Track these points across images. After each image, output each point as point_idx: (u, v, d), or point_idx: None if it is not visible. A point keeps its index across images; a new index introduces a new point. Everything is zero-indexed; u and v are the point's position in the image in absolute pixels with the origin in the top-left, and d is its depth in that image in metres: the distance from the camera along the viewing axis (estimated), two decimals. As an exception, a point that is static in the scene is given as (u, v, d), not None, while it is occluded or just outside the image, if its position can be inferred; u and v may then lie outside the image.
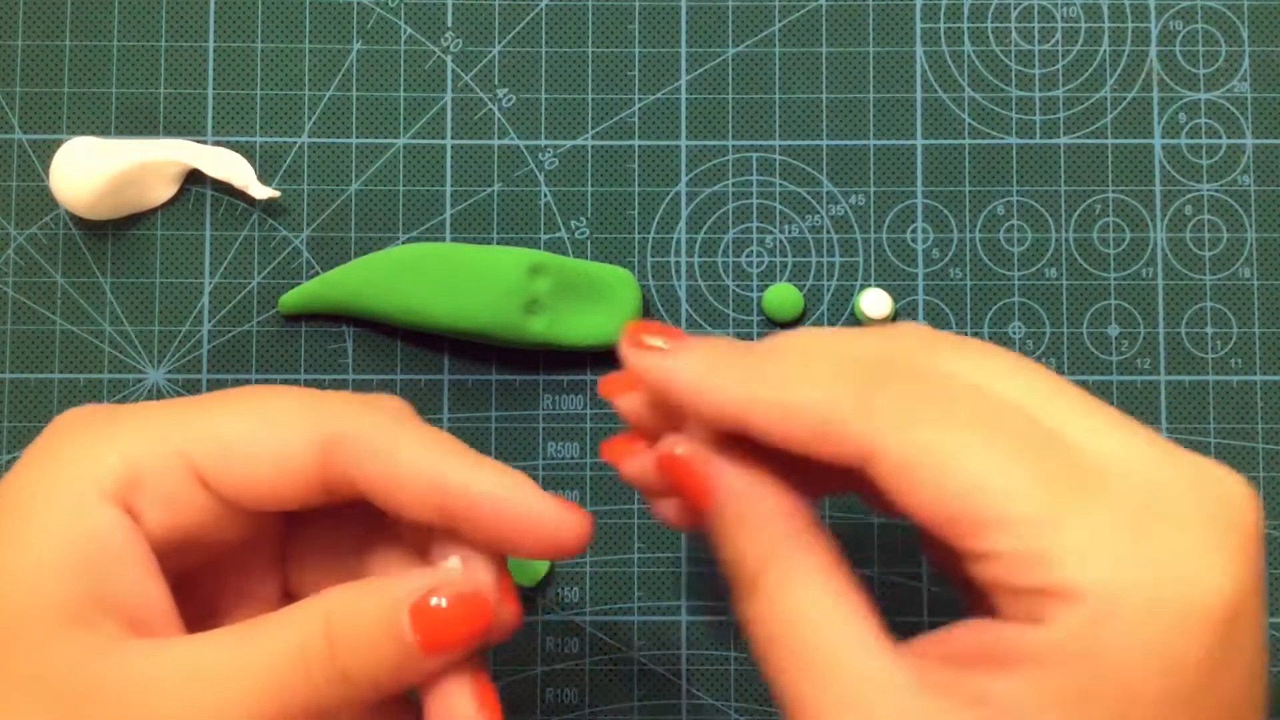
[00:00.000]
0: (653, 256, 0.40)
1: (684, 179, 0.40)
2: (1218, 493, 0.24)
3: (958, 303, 0.40)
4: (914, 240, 0.40)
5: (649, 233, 0.40)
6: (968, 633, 0.25)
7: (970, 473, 0.24)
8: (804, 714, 0.25)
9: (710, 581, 0.39)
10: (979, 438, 0.24)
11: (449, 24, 0.41)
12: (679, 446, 0.28)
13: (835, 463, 0.26)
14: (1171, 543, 0.24)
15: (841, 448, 0.25)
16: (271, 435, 0.27)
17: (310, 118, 0.40)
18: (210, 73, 0.40)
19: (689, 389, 0.27)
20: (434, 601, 0.26)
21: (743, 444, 0.28)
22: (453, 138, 0.40)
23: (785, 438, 0.26)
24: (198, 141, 0.40)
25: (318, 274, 0.40)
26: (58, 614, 0.25)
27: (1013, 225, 0.40)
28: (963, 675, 0.24)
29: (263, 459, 0.27)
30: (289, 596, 0.31)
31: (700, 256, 0.40)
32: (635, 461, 0.30)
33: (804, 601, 0.26)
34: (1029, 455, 0.24)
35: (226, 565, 0.30)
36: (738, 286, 0.40)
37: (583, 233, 0.40)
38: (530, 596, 0.39)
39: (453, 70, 0.41)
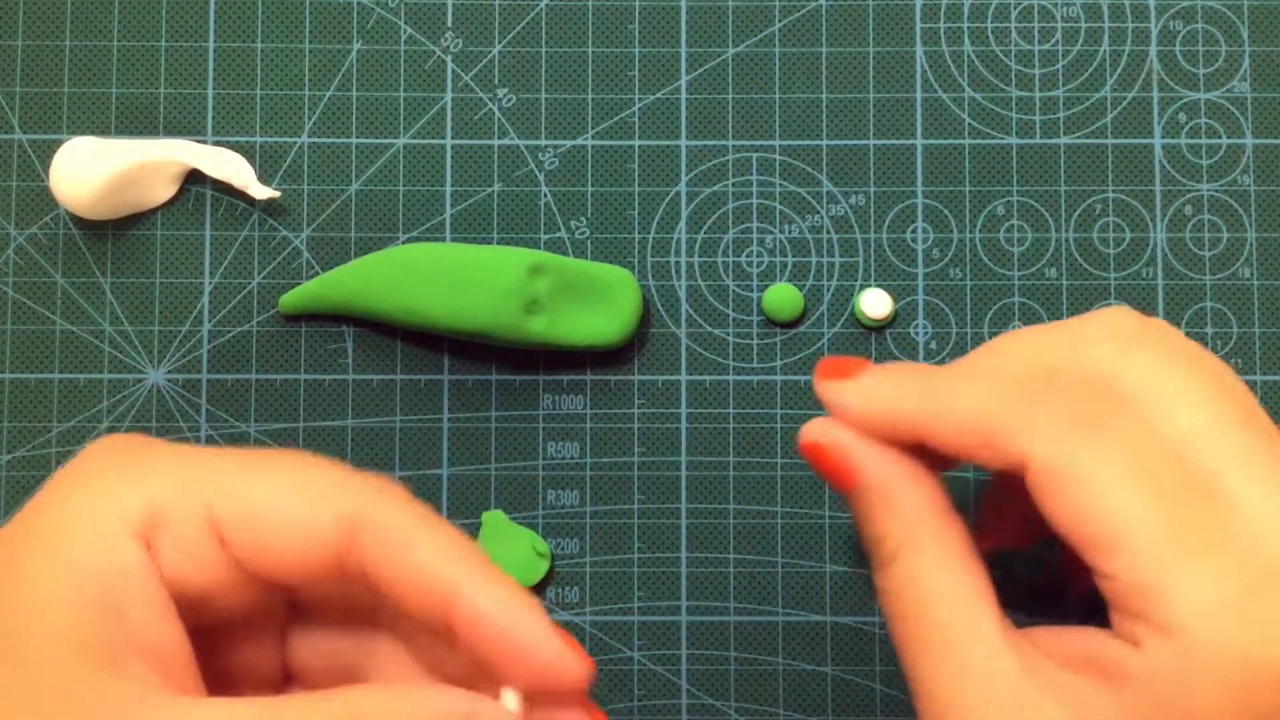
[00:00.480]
0: (653, 256, 0.40)
1: (684, 179, 0.40)
2: None
3: (958, 303, 0.40)
4: (914, 240, 0.40)
5: (649, 233, 0.40)
6: (1080, 637, 0.27)
7: (1106, 497, 0.26)
8: (922, 684, 0.28)
9: (710, 581, 0.39)
10: (1122, 467, 0.26)
11: (449, 24, 0.41)
12: (822, 434, 0.31)
13: (997, 469, 0.28)
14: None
15: (1005, 457, 0.28)
16: (300, 505, 0.27)
17: (310, 118, 0.40)
18: (210, 73, 0.41)
19: (857, 406, 0.30)
20: None
21: None
22: (453, 138, 0.40)
23: (959, 448, 0.29)
24: (198, 141, 0.40)
25: (318, 274, 0.40)
26: (83, 651, 0.25)
27: (1013, 225, 0.40)
28: (1066, 675, 0.27)
29: (287, 528, 0.26)
30: (287, 674, 0.30)
31: (700, 256, 0.40)
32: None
33: (935, 582, 0.28)
34: (1166, 493, 0.26)
35: (226, 632, 0.29)
36: (738, 286, 0.40)
37: (583, 233, 0.40)
38: (530, 596, 0.39)
39: (453, 70, 0.41)
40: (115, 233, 0.40)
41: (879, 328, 0.40)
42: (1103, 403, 0.27)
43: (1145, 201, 0.40)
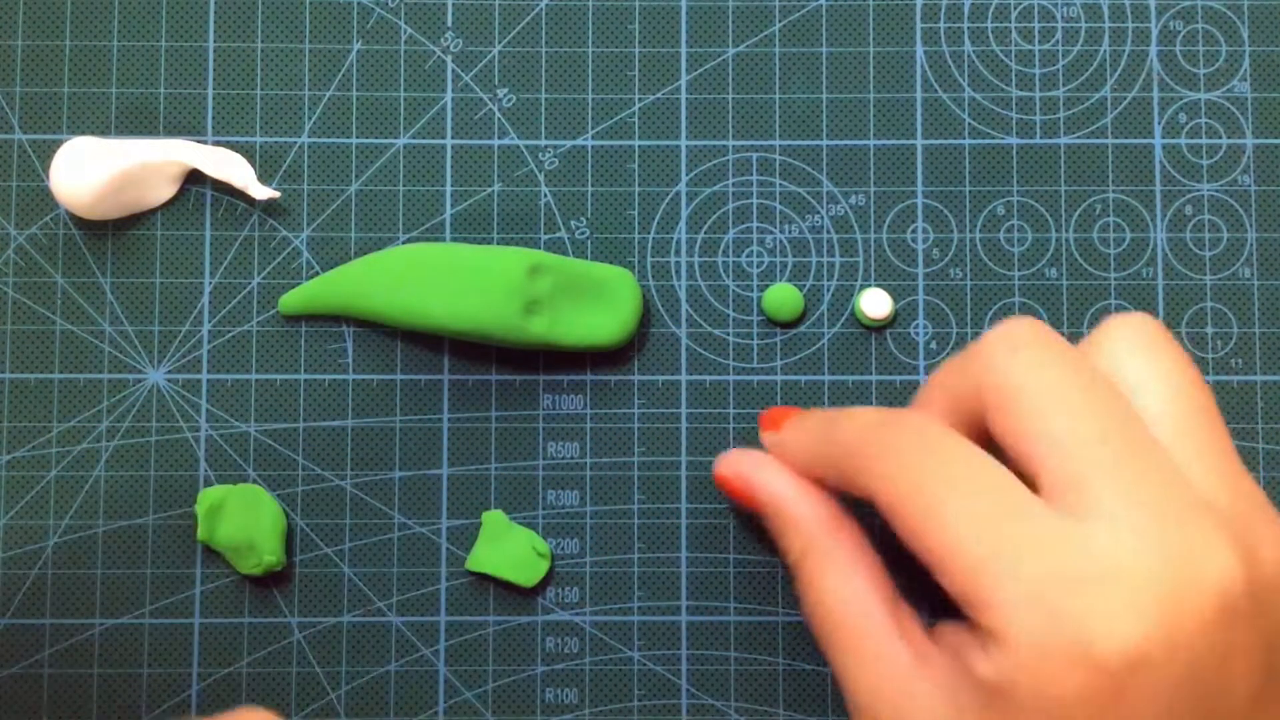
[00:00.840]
0: (653, 256, 0.40)
1: (684, 179, 0.40)
2: (1180, 571, 0.27)
3: (958, 303, 0.40)
4: (914, 240, 0.40)
5: (649, 233, 0.40)
6: (952, 633, 0.30)
7: (934, 521, 0.29)
8: (835, 670, 0.32)
9: (710, 581, 0.39)
10: (950, 495, 0.29)
11: (449, 24, 0.41)
12: (725, 466, 0.36)
13: (855, 495, 0.32)
14: (1098, 602, 0.26)
15: (863, 492, 0.31)
16: None
17: (310, 118, 0.40)
18: (210, 73, 0.41)
19: (778, 454, 0.36)
20: None
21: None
22: (453, 138, 0.40)
23: (831, 482, 0.34)
24: (198, 141, 0.40)
25: (318, 274, 0.40)
26: None
27: (1013, 225, 0.40)
28: (951, 662, 0.29)
29: None
30: None
31: (700, 256, 0.40)
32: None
33: (832, 584, 0.32)
34: (983, 515, 0.28)
35: None
36: (738, 286, 0.40)
37: (583, 233, 0.40)
38: (530, 596, 0.39)
39: (453, 70, 0.41)
40: (115, 233, 0.40)
41: (879, 328, 0.40)
42: (929, 438, 0.30)
43: (1145, 201, 0.40)
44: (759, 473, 0.35)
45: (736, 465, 0.36)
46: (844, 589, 0.32)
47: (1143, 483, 0.28)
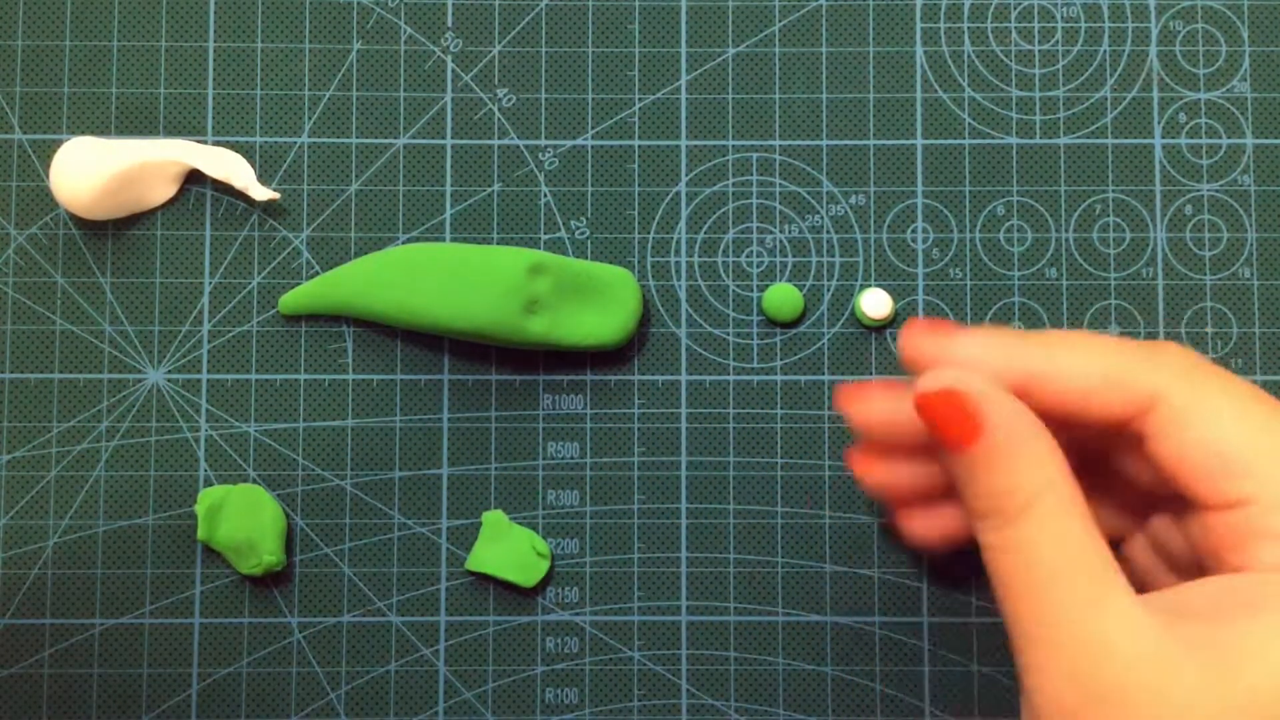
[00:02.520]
0: (653, 256, 0.40)
1: (684, 179, 0.40)
2: None
3: (958, 303, 0.40)
4: (914, 240, 0.40)
5: (649, 233, 0.40)
6: (1201, 589, 0.28)
7: (1239, 428, 0.28)
8: (1045, 647, 0.27)
9: (710, 581, 0.39)
10: (1251, 404, 0.28)
11: (449, 24, 0.41)
12: (952, 379, 0.29)
13: (1111, 415, 0.29)
14: None
15: (1129, 394, 0.29)
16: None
17: (310, 118, 0.40)
18: (210, 73, 0.41)
19: (987, 359, 0.30)
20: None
21: None
22: (453, 138, 0.40)
23: (1080, 389, 0.29)
24: (198, 141, 0.40)
25: (318, 274, 0.40)
26: None
27: (1013, 225, 0.40)
28: (1201, 626, 0.27)
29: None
30: None
31: (700, 256, 0.40)
32: (883, 466, 0.34)
33: (1070, 539, 0.28)
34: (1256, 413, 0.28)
35: None
36: (738, 286, 0.40)
37: (583, 233, 0.40)
38: (530, 596, 0.39)
39: (453, 70, 0.41)
40: (115, 233, 0.40)
41: (879, 328, 0.40)
42: (1214, 367, 0.29)
43: (1145, 201, 0.40)
44: (991, 388, 0.29)
45: (960, 380, 0.29)
46: (1084, 546, 0.28)
47: None
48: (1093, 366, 0.29)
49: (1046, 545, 0.28)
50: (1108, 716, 0.26)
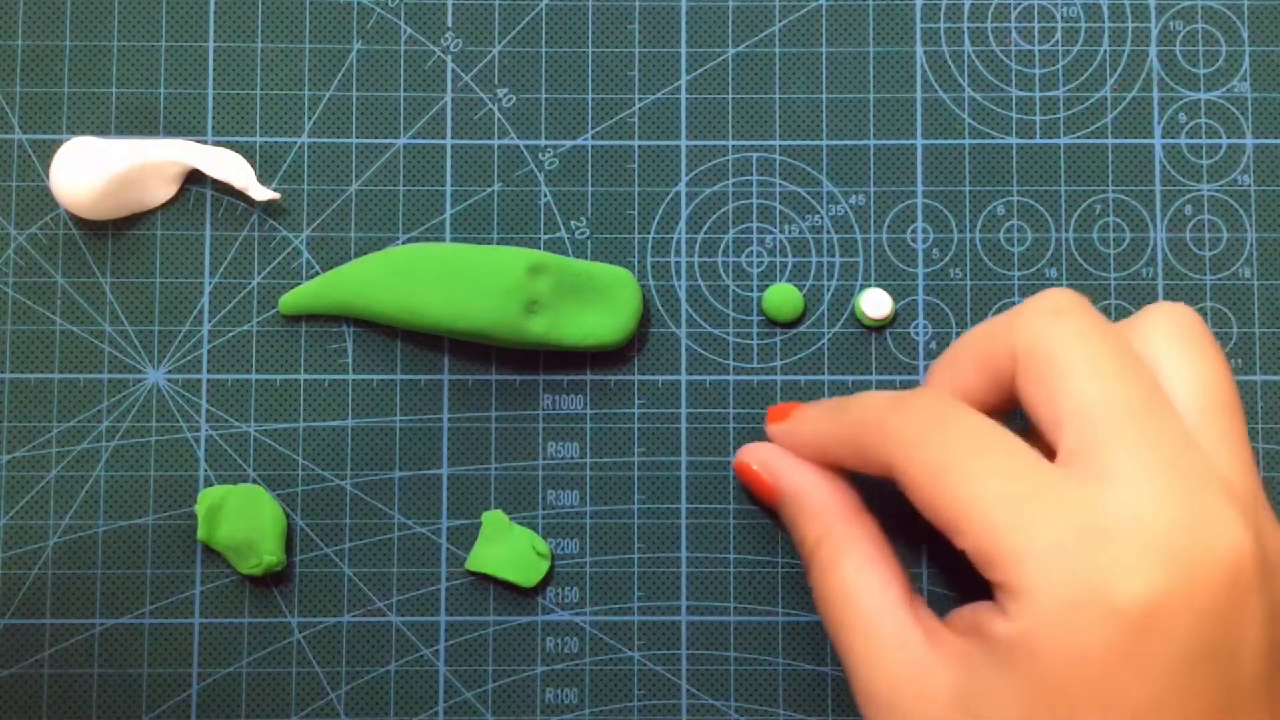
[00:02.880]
0: (653, 256, 0.40)
1: (684, 179, 0.40)
2: (1196, 534, 0.28)
3: (958, 303, 0.40)
4: (914, 240, 0.40)
5: (649, 233, 0.40)
6: (973, 609, 0.31)
7: (952, 485, 0.29)
8: (847, 664, 0.32)
9: (710, 581, 0.39)
10: (967, 459, 0.30)
11: (449, 24, 0.41)
12: (748, 455, 0.37)
13: (869, 473, 0.33)
14: (1118, 556, 0.27)
15: (876, 466, 0.32)
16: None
17: (310, 118, 0.40)
18: (210, 73, 0.40)
19: (789, 443, 0.37)
20: None
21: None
22: (453, 138, 0.40)
23: (844, 462, 0.34)
24: (198, 141, 0.40)
25: (318, 274, 0.40)
26: None
27: (1013, 225, 0.40)
28: (961, 641, 0.30)
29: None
30: None
31: (700, 256, 0.40)
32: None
33: (846, 571, 0.33)
34: (1002, 477, 0.29)
35: None
36: (738, 286, 0.40)
37: (583, 233, 0.40)
38: (530, 596, 0.39)
39: (453, 70, 0.41)
40: (115, 233, 0.40)
41: (879, 328, 0.40)
42: (944, 410, 0.31)
43: (1145, 201, 0.40)
44: (780, 461, 0.36)
45: (757, 454, 0.37)
46: (859, 575, 0.33)
47: (1163, 453, 0.29)
48: (843, 444, 0.34)
49: (829, 583, 0.33)
50: None
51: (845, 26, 0.41)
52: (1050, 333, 0.31)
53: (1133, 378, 0.30)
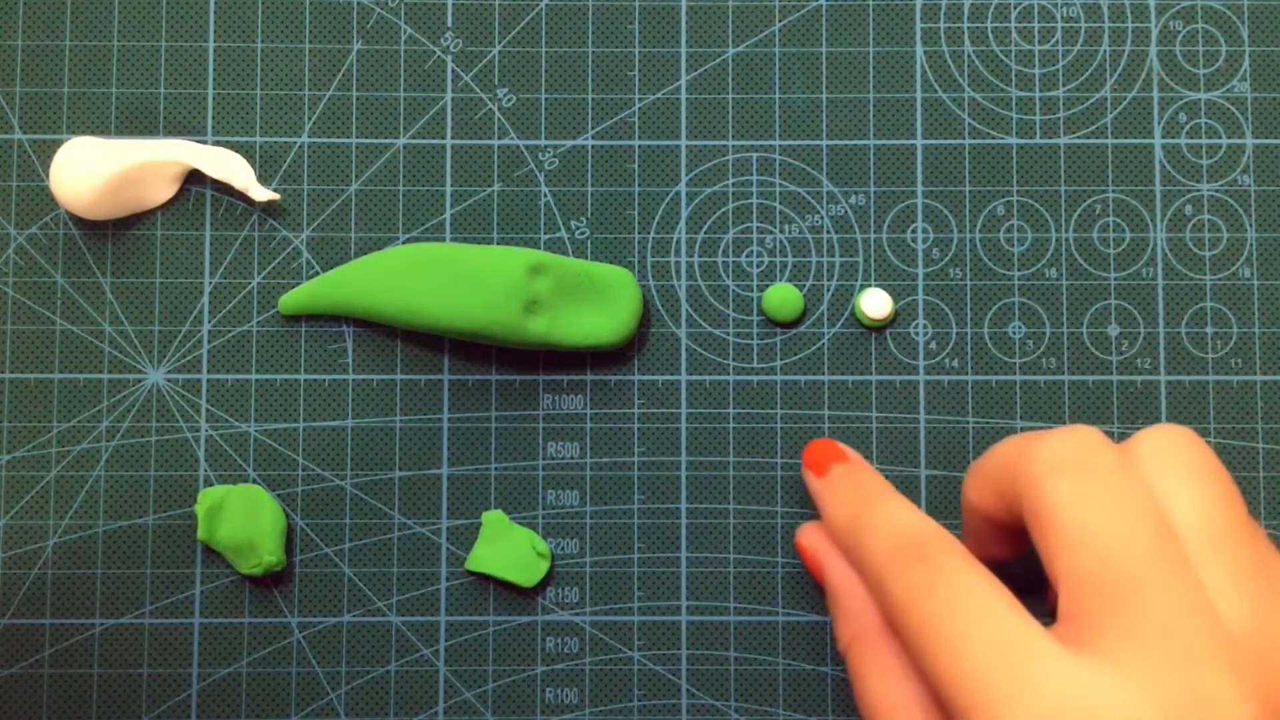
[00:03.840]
0: (653, 256, 0.40)
1: (684, 179, 0.40)
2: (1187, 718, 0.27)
3: (958, 303, 0.40)
4: (914, 240, 0.40)
5: (649, 233, 0.40)
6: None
7: (939, 647, 0.29)
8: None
9: (710, 581, 0.39)
10: (956, 622, 0.29)
11: (449, 24, 0.41)
12: (805, 538, 0.38)
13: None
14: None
15: (881, 608, 0.33)
16: None
17: (310, 118, 0.40)
18: (210, 73, 0.41)
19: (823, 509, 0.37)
20: None
21: None
22: (453, 138, 0.40)
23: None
24: (198, 141, 0.40)
25: (318, 274, 0.40)
26: None
27: (1013, 225, 0.40)
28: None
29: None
30: None
31: (700, 256, 0.40)
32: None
33: (876, 684, 0.33)
34: (992, 645, 0.28)
35: None
36: (738, 286, 0.40)
37: (583, 233, 0.40)
38: (530, 596, 0.39)
39: (453, 70, 0.41)
40: (115, 233, 0.40)
41: (879, 328, 0.40)
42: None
43: (1145, 201, 0.40)
44: (828, 551, 0.37)
45: (810, 536, 0.38)
46: (888, 690, 0.33)
47: (1156, 625, 0.27)
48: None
49: (858, 688, 0.34)
50: None
51: (845, 26, 0.41)
52: (1048, 492, 0.30)
53: (1128, 540, 0.29)
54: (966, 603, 0.29)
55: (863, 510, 0.34)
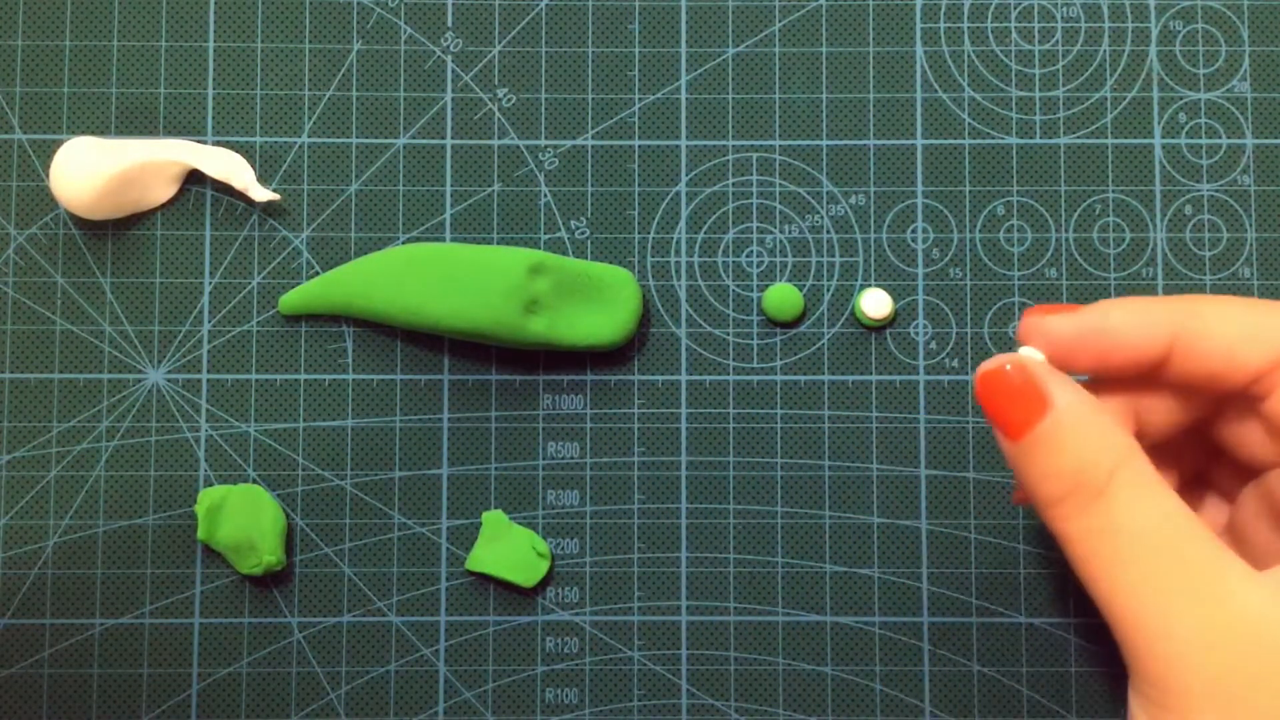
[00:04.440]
0: (653, 256, 0.40)
1: (684, 179, 0.40)
2: None
3: (958, 303, 0.40)
4: (914, 240, 0.40)
5: (649, 233, 0.40)
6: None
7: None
8: (1155, 625, 0.26)
9: (710, 581, 0.39)
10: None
11: (449, 24, 0.41)
12: (1012, 360, 0.29)
13: (1250, 371, 0.28)
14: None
15: (1267, 347, 0.28)
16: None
17: (310, 118, 0.40)
18: (210, 73, 0.41)
19: (1126, 330, 0.29)
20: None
21: None
22: (453, 138, 0.40)
23: (1224, 345, 0.29)
24: (198, 141, 0.40)
25: (318, 274, 0.40)
26: None
27: (1013, 225, 0.40)
28: None
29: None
30: None
31: (700, 256, 0.40)
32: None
33: (1157, 504, 0.27)
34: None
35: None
36: (738, 286, 0.40)
37: (583, 233, 0.40)
38: (530, 596, 0.39)
39: (453, 70, 0.41)
40: (115, 233, 0.40)
41: (879, 328, 0.40)
42: None
43: (1145, 201, 0.40)
44: (1053, 378, 0.29)
45: (1019, 361, 0.29)
46: (1170, 506, 0.27)
47: None
48: (1233, 322, 0.28)
49: (1142, 517, 0.27)
50: (1263, 679, 0.26)
51: (845, 26, 0.41)
52: None
53: None
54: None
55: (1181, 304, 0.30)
